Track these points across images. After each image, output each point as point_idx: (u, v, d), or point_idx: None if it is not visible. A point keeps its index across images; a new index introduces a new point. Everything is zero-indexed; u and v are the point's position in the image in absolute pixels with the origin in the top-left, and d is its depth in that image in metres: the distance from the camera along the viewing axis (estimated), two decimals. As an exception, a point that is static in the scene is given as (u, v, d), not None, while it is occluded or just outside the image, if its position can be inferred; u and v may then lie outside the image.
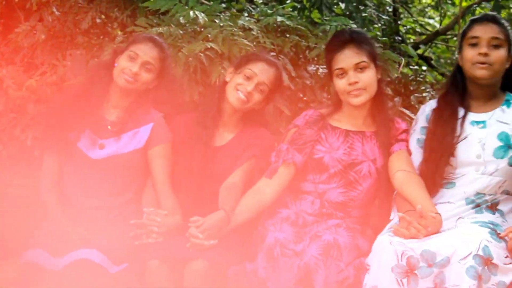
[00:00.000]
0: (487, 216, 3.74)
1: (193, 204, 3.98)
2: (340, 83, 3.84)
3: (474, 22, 3.96)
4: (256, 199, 3.90)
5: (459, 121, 3.89)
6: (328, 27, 4.75)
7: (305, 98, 4.86)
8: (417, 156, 3.93)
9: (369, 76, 3.85)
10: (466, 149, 3.84)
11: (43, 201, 4.00)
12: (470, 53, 3.80)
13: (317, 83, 4.87)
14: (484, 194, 3.80)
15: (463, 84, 3.94)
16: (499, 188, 3.78)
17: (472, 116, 3.88)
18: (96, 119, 4.02)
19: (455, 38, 7.26)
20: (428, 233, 3.56)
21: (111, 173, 3.99)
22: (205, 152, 4.03)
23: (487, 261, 3.41)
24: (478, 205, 3.80)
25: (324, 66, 4.79)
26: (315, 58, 4.85)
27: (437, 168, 3.88)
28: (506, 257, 3.50)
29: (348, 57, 3.85)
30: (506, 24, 3.93)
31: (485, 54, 3.75)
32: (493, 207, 3.79)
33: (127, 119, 4.04)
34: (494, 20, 3.89)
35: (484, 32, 3.82)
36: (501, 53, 3.81)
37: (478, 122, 3.88)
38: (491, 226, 3.62)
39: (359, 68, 3.82)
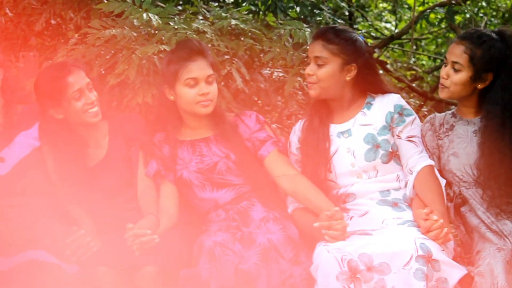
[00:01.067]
0: (409, 214, 3.83)
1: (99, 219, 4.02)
2: (191, 93, 3.90)
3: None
4: (167, 219, 3.96)
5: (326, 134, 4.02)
6: (282, 31, 4.78)
7: (259, 102, 4.90)
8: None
9: (216, 88, 3.96)
10: (340, 161, 3.94)
11: None
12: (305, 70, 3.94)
13: (272, 87, 4.91)
14: (388, 190, 3.91)
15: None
16: (397, 182, 3.89)
17: (336, 128, 3.97)
18: None
19: (410, 42, 7.41)
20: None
21: (25, 178, 4.01)
22: (84, 175, 4.04)
23: (429, 258, 3.49)
24: (395, 204, 3.87)
25: (279, 70, 4.89)
26: (270, 62, 4.85)
27: (317, 174, 3.95)
28: (443, 250, 3.58)
29: (201, 68, 3.92)
30: (343, 36, 3.94)
31: (308, 75, 3.88)
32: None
33: (9, 122, 4.03)
34: (321, 37, 3.96)
35: (311, 51, 3.94)
36: (325, 70, 3.87)
37: (343, 133, 3.96)
38: (416, 223, 3.72)
39: (209, 79, 3.92)
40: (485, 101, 3.94)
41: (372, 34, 7.23)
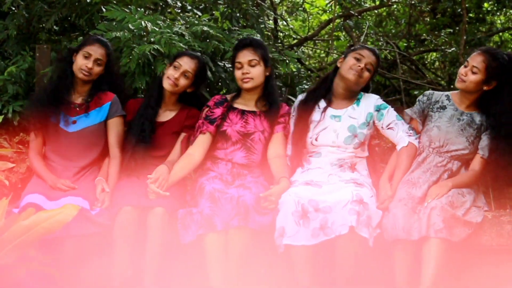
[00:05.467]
0: (349, 175, 4.48)
1: (142, 164, 4.66)
2: (237, 73, 4.65)
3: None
4: (188, 161, 4.59)
5: (321, 111, 4.62)
6: (241, 36, 5.35)
7: (218, 85, 5.68)
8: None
9: (258, 70, 4.62)
10: (325, 137, 4.58)
11: (31, 165, 4.72)
12: (352, 61, 4.56)
13: (229, 76, 5.63)
14: (343, 159, 4.58)
15: (331, 83, 4.66)
16: (351, 155, 4.58)
17: (331, 111, 4.63)
18: (67, 104, 4.79)
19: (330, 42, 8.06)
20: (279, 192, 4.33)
21: (83, 140, 4.73)
22: (150, 126, 4.73)
23: (360, 201, 4.13)
24: (341, 166, 4.53)
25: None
26: (229, 58, 5.34)
27: (301, 142, 4.57)
28: (371, 196, 4.23)
29: (245, 56, 4.64)
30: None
31: (362, 69, 4.54)
32: (352, 167, 4.57)
33: (90, 101, 4.80)
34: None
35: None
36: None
37: (335, 116, 4.61)
38: (353, 180, 4.41)
39: (251, 64, 4.63)
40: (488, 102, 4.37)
41: (293, 36, 7.84)
